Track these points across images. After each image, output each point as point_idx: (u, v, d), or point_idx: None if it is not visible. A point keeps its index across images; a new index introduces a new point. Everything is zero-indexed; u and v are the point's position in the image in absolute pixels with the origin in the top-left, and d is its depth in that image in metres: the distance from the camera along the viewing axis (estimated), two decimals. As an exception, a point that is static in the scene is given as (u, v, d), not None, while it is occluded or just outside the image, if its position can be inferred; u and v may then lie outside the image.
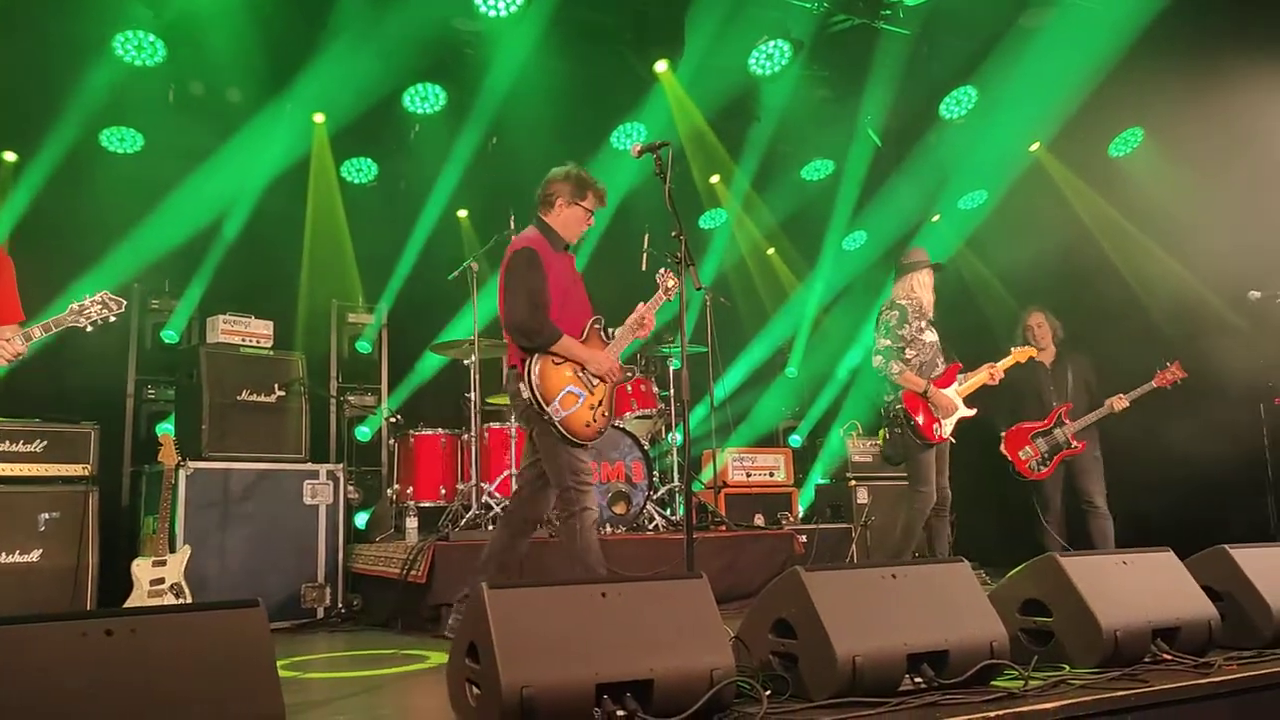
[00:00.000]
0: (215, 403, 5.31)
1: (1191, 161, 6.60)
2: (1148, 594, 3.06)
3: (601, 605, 2.41)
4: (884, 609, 2.67)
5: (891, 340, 5.17)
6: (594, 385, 4.09)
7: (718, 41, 6.86)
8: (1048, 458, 5.88)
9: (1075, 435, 5.85)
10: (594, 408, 4.05)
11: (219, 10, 5.94)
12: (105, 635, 1.83)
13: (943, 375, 5.22)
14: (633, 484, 5.79)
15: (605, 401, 4.13)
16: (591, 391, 4.07)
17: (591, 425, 4.04)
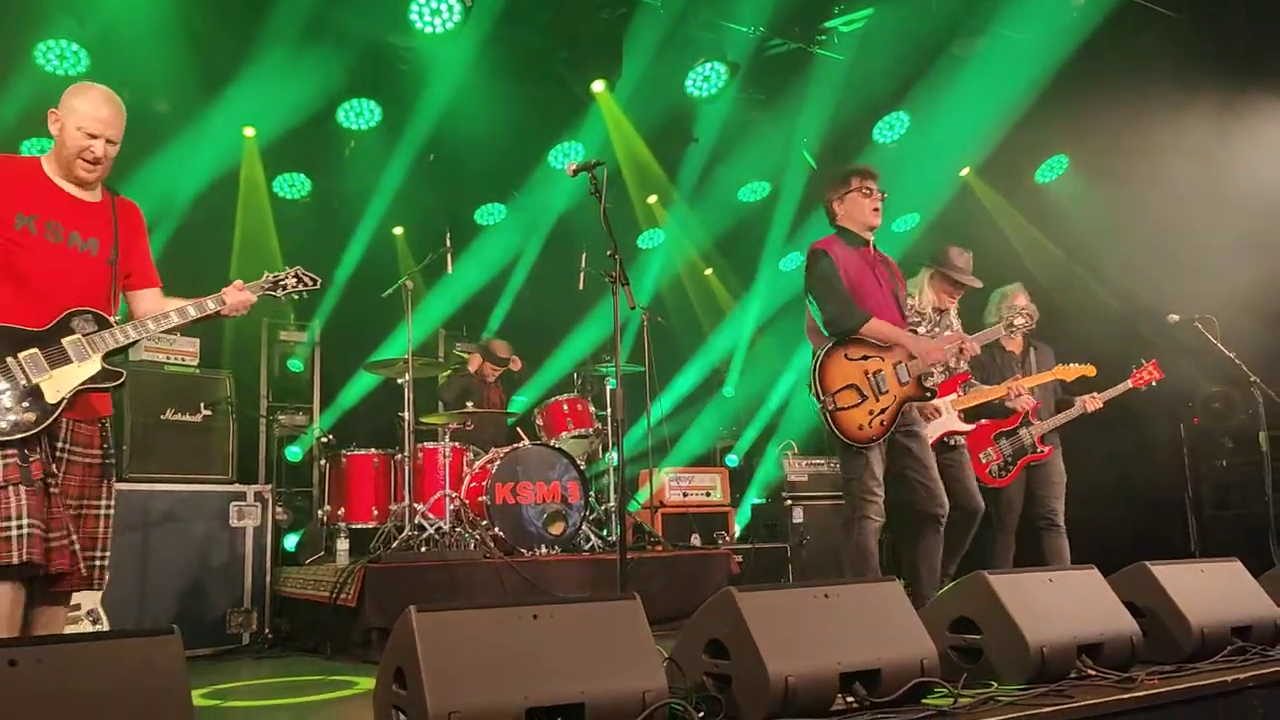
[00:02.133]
0: (137, 422, 5.16)
1: (1113, 187, 6.82)
2: (1073, 610, 3.12)
3: (533, 627, 2.38)
4: (817, 628, 2.67)
5: None
6: (882, 393, 4.05)
7: (655, 63, 6.91)
8: (1011, 462, 5.30)
9: (1043, 438, 5.30)
10: (873, 413, 4.00)
11: (145, 20, 5.81)
12: (9, 666, 1.75)
13: (939, 385, 4.65)
14: (569, 504, 5.75)
15: (890, 412, 4.05)
16: (877, 398, 4.03)
17: (865, 430, 4.00)
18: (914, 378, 4.13)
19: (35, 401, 2.79)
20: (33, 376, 2.79)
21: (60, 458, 2.90)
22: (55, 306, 2.89)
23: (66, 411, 2.85)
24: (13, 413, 2.77)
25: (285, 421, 7.16)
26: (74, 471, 2.93)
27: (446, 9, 6.13)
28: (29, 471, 2.73)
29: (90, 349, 2.89)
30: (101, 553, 3.00)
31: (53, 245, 2.92)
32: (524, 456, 5.72)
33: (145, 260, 3.23)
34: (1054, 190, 7.65)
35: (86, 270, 2.98)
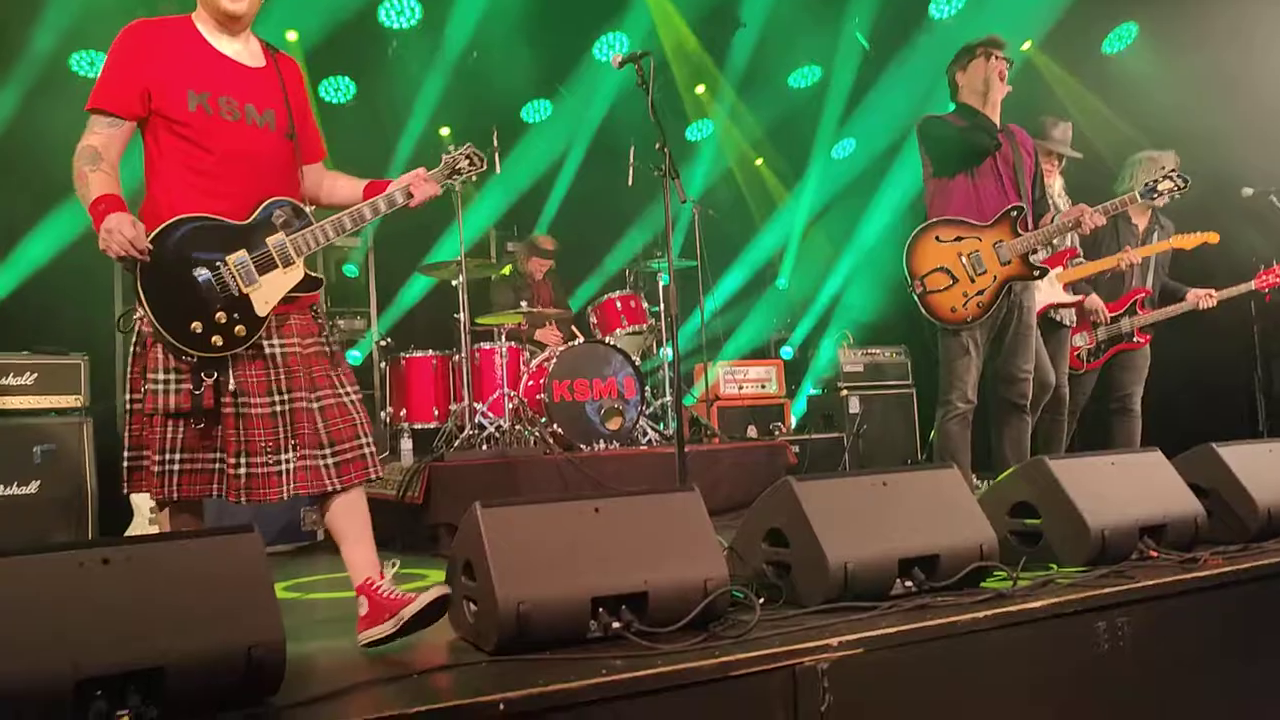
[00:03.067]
0: (203, 331, 5.27)
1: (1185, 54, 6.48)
2: (1135, 493, 3.11)
3: (595, 520, 2.44)
4: (875, 516, 2.70)
5: None
6: (979, 274, 3.99)
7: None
8: (1103, 348, 5.01)
9: (1142, 328, 4.99)
10: (969, 295, 3.98)
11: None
12: (102, 564, 1.84)
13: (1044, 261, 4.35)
14: (625, 400, 5.81)
15: (990, 293, 3.99)
16: (973, 279, 3.99)
17: (959, 312, 3.98)
18: (1017, 256, 4.00)
19: (244, 314, 2.49)
20: (244, 285, 2.49)
21: (271, 355, 2.54)
22: (247, 196, 2.54)
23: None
24: (221, 327, 2.46)
25: (344, 326, 7.28)
26: (295, 365, 2.57)
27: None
28: (200, 400, 2.45)
29: (296, 253, 2.58)
30: (350, 443, 2.59)
31: (232, 124, 2.54)
32: (580, 354, 5.77)
33: (312, 127, 2.86)
34: (1122, 61, 7.31)
35: (269, 149, 2.62)
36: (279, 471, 2.50)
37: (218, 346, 2.45)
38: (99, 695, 1.72)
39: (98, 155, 2.46)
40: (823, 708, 2.18)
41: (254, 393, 2.51)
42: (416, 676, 2.14)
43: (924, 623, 2.38)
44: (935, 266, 4.02)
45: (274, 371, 2.54)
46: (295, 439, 2.53)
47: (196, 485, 2.52)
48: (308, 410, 2.55)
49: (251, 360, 2.52)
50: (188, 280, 2.44)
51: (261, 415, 2.50)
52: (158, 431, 2.46)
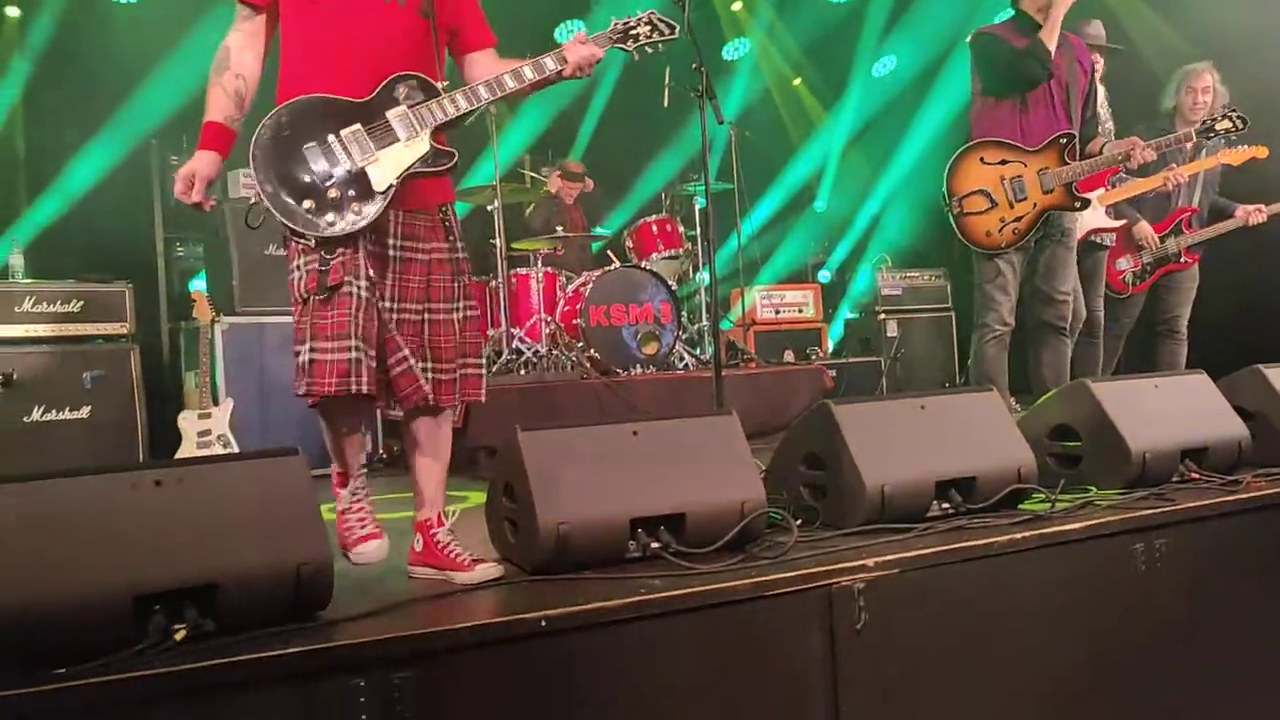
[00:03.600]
0: (244, 258, 5.32)
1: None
2: (1178, 416, 3.07)
3: (633, 443, 2.46)
4: (912, 439, 2.70)
5: None
6: (1019, 200, 3.91)
7: None
8: (1149, 271, 4.83)
9: (1190, 248, 4.80)
10: (1005, 221, 3.91)
11: None
12: (154, 486, 1.89)
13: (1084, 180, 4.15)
14: (661, 325, 5.81)
15: (1028, 220, 3.92)
16: (1012, 205, 3.91)
17: (993, 237, 3.92)
18: (1061, 185, 3.91)
19: (361, 190, 2.29)
20: (357, 159, 2.30)
21: (393, 257, 2.39)
22: (370, 73, 2.34)
23: (396, 203, 2.34)
24: (334, 205, 2.28)
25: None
26: (413, 272, 2.40)
27: None
28: (325, 277, 2.27)
29: (419, 124, 2.35)
30: (457, 361, 2.44)
31: (361, 1, 2.36)
32: (616, 279, 5.76)
33: (474, 12, 2.62)
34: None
35: (398, 24, 2.40)
36: (421, 380, 2.38)
37: (330, 224, 2.26)
38: (157, 610, 1.79)
39: (225, 61, 2.38)
40: (858, 626, 2.21)
41: (405, 298, 2.40)
42: (460, 594, 2.20)
43: (960, 544, 2.40)
44: (975, 189, 3.94)
45: (392, 276, 2.38)
46: (441, 349, 2.42)
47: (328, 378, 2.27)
48: (413, 322, 2.40)
49: (374, 256, 2.35)
50: (298, 157, 2.28)
51: (409, 321, 2.40)
52: (297, 321, 2.31)
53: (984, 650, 2.39)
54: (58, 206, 6.07)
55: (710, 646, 2.10)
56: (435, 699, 1.84)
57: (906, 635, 2.28)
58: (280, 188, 2.27)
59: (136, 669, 1.67)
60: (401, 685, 1.80)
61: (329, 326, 2.26)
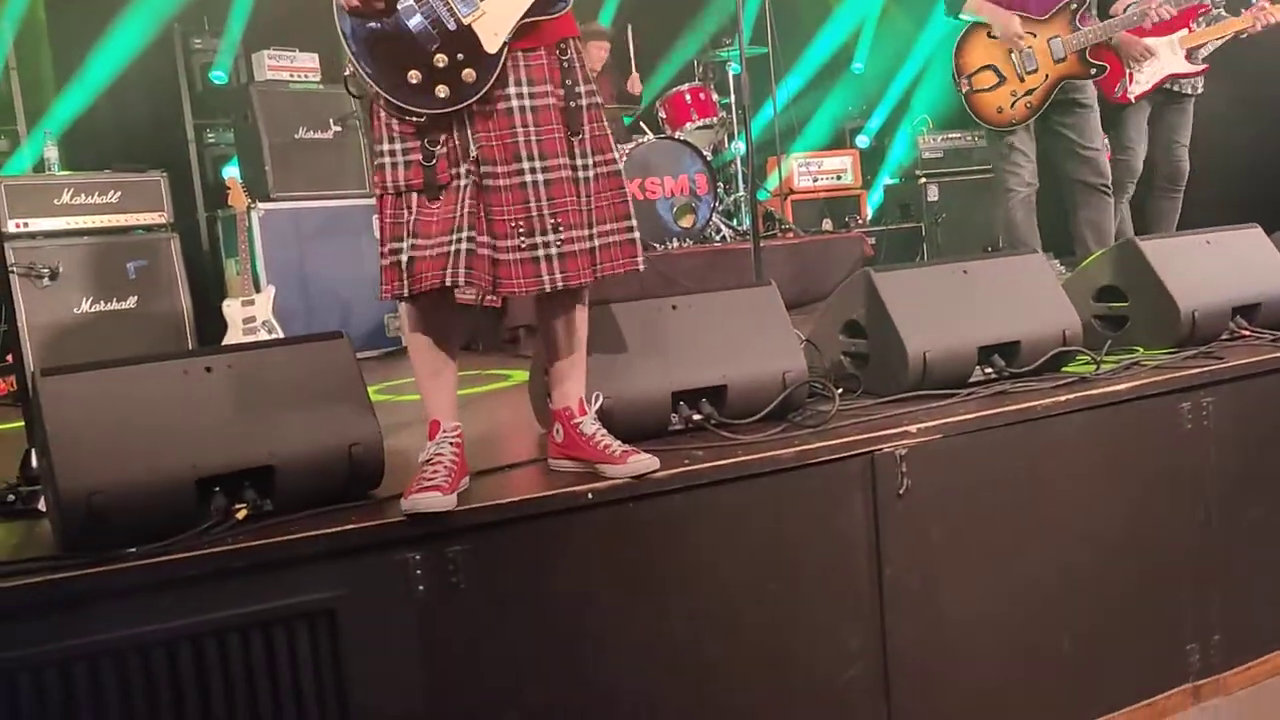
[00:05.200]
0: (275, 143, 5.28)
1: None
2: (1230, 273, 3.01)
3: (673, 317, 2.46)
4: (954, 305, 2.67)
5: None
6: (1029, 72, 3.83)
7: None
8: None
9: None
10: (1016, 95, 3.86)
11: None
12: (205, 372, 1.93)
13: (1166, 22, 4.05)
14: (697, 196, 5.73)
15: (1040, 92, 3.85)
16: (1022, 79, 3.84)
17: (1005, 113, 3.89)
18: (1073, 52, 3.78)
19: (471, 52, 1.96)
20: (463, 14, 1.95)
21: (520, 106, 2.02)
22: None
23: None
24: (444, 72, 1.95)
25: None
26: (519, 123, 2.03)
27: None
28: (433, 173, 1.99)
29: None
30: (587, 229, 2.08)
31: None
32: (650, 151, 5.66)
33: None
34: None
35: None
36: (534, 258, 2.02)
37: (443, 99, 1.95)
38: (217, 491, 1.85)
39: None
40: (900, 491, 2.23)
41: (498, 159, 2.01)
42: (508, 469, 2.24)
43: (1002, 408, 2.40)
44: (983, 64, 3.87)
45: (525, 131, 2.02)
46: (558, 217, 2.03)
47: (427, 274, 1.99)
48: (521, 186, 2.02)
49: (493, 116, 2.01)
50: (395, 20, 1.96)
51: (509, 187, 2.01)
52: (389, 214, 2.02)
53: (1026, 514, 2.41)
54: (85, 97, 6.02)
55: (754, 515, 2.14)
56: (489, 568, 1.90)
57: (949, 500, 2.31)
58: (377, 57, 1.95)
59: (201, 548, 1.74)
60: (454, 558, 1.86)
61: (433, 224, 1.99)
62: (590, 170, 2.10)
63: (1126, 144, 4.28)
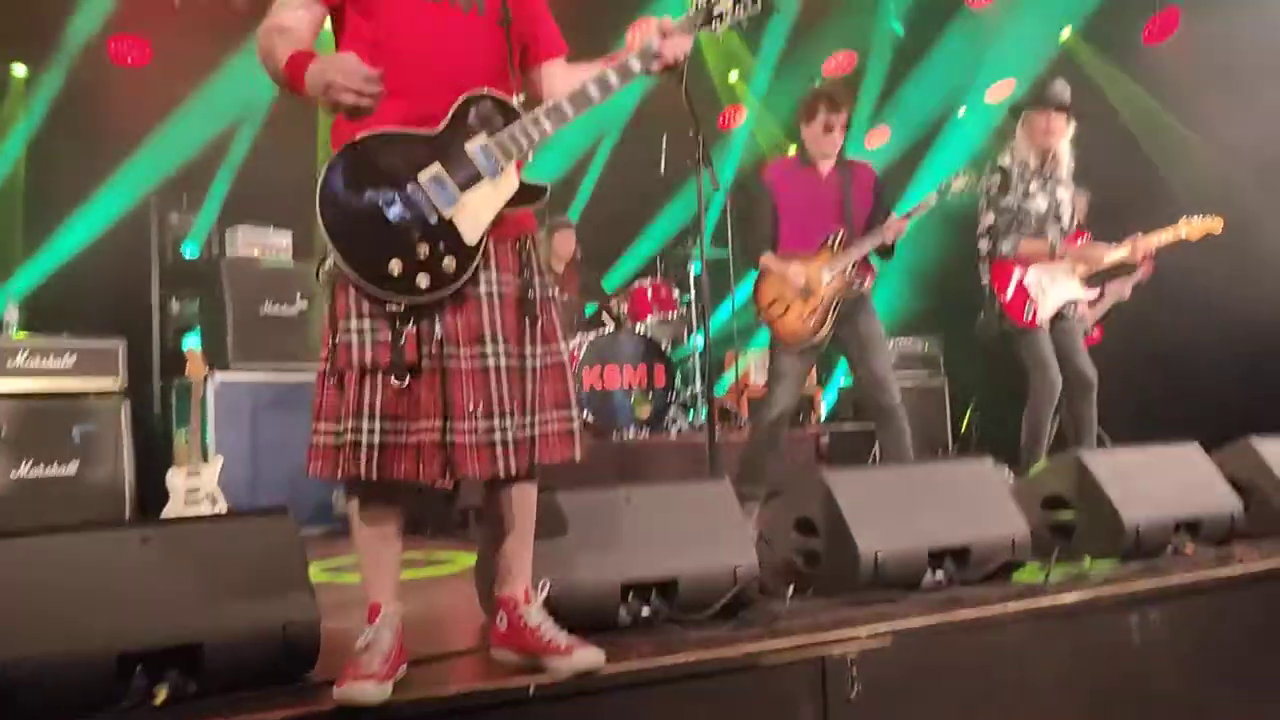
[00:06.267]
0: (239, 315, 5.34)
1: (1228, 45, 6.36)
2: (1171, 487, 3.07)
3: (626, 509, 2.45)
4: (906, 507, 2.69)
5: (995, 215, 4.52)
6: (808, 297, 4.27)
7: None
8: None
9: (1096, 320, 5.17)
10: (803, 317, 4.28)
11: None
12: (141, 543, 1.87)
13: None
14: (655, 388, 5.82)
15: (821, 311, 4.27)
16: (805, 301, 4.27)
17: (797, 334, 4.26)
18: (838, 273, 4.30)
19: (452, 243, 1.99)
20: (443, 208, 1.99)
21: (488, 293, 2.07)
22: (443, 90, 2.04)
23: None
24: (426, 263, 1.96)
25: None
26: (478, 310, 2.06)
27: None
28: (402, 353, 1.97)
29: (503, 155, 2.05)
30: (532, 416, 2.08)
31: (428, 5, 2.08)
32: (610, 342, 5.78)
33: (546, 21, 2.33)
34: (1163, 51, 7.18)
35: (474, 36, 2.12)
36: (491, 442, 2.00)
37: (424, 288, 1.96)
38: (139, 670, 1.76)
39: (283, 30, 2.04)
40: (851, 697, 2.18)
41: (462, 341, 2.03)
42: (448, 658, 2.16)
43: (954, 615, 2.38)
44: (773, 297, 4.37)
45: (490, 316, 2.06)
46: (513, 402, 2.04)
47: (400, 463, 1.99)
48: (478, 371, 2.04)
49: (462, 302, 2.03)
50: (376, 211, 1.96)
51: (471, 371, 2.02)
52: (350, 393, 1.99)
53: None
54: (55, 261, 6.09)
55: (702, 715, 2.07)
56: (420, 767, 1.80)
57: (900, 706, 2.25)
58: (360, 248, 1.95)
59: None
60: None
61: (398, 405, 1.97)
62: (538, 360, 2.13)
63: (1045, 363, 4.40)
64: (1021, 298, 4.43)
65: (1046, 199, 4.51)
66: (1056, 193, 4.53)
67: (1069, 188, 4.59)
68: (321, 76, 1.89)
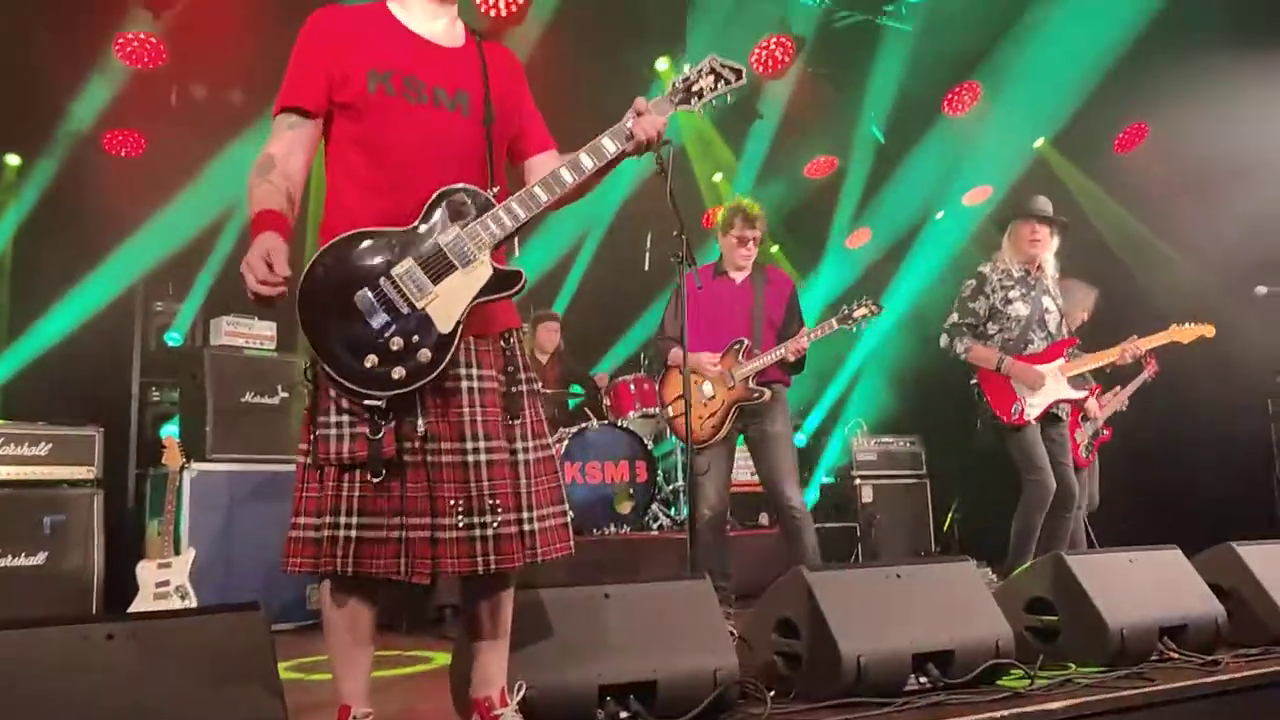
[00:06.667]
0: (220, 405, 5.30)
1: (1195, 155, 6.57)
2: (1154, 592, 3.06)
3: (605, 606, 2.41)
4: (889, 609, 2.66)
5: (959, 315, 4.64)
6: (709, 399, 4.46)
7: (719, 39, 6.84)
8: (1090, 444, 5.12)
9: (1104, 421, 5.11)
10: (702, 418, 4.46)
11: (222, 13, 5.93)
12: (106, 639, 1.83)
13: (1042, 352, 4.54)
14: (637, 483, 5.78)
15: (720, 414, 4.46)
16: (705, 404, 4.45)
17: (695, 433, 4.36)
18: (740, 381, 4.47)
19: (426, 334, 2.01)
20: (416, 301, 2.01)
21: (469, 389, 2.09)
22: (424, 187, 2.08)
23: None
24: (400, 356, 1.98)
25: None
26: (460, 404, 2.08)
27: None
28: (379, 447, 1.98)
29: (476, 246, 2.07)
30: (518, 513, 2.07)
31: (415, 108, 2.12)
32: (592, 437, 5.77)
33: (534, 118, 2.38)
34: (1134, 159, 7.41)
35: (457, 135, 2.17)
36: (471, 538, 2.01)
37: (400, 381, 1.98)
38: (96, 775, 1.70)
39: (270, 164, 2.09)
40: (834, 808, 2.11)
41: (445, 436, 2.04)
42: (419, 764, 2.10)
43: (939, 721, 2.33)
44: (676, 395, 4.51)
45: (472, 411, 2.06)
46: (496, 498, 2.04)
47: (378, 559, 1.99)
48: (460, 465, 2.04)
49: (445, 395, 2.06)
50: (350, 306, 1.99)
51: (452, 465, 2.03)
52: (329, 487, 2.01)
53: (965, 837, 2.28)
54: (37, 347, 6.08)
55: (679, 827, 2.00)
56: None
57: (884, 819, 2.18)
58: (337, 344, 1.98)
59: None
60: None
61: (380, 502, 1.98)
62: (530, 454, 2.13)
63: (1038, 464, 4.42)
64: (1009, 397, 4.47)
65: (1030, 306, 4.60)
66: (1042, 301, 4.63)
67: (1055, 297, 4.71)
68: (250, 262, 1.94)
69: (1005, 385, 4.50)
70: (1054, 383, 4.50)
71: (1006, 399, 4.47)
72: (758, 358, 4.49)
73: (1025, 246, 4.59)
